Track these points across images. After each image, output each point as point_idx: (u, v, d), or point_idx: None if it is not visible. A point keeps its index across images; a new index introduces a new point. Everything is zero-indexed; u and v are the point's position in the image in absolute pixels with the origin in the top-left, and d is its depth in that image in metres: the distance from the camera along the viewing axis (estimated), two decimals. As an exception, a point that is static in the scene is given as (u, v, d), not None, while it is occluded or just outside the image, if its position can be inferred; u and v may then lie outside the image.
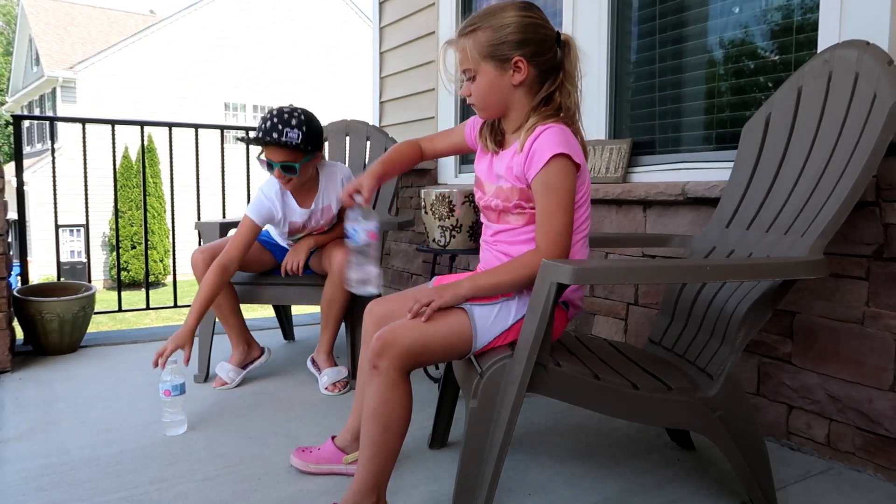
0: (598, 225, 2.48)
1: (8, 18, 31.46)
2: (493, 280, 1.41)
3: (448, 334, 1.38)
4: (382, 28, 4.12)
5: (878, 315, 1.64)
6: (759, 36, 2.07)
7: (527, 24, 1.39)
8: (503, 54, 1.39)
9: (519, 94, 1.44)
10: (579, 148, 1.42)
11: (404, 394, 1.36)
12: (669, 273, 1.44)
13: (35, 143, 19.60)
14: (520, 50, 1.39)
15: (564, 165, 1.37)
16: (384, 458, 1.37)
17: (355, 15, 21.22)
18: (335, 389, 2.34)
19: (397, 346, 1.33)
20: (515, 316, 1.43)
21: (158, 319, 9.86)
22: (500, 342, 1.43)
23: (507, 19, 1.39)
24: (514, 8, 1.41)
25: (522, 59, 1.39)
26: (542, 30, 1.41)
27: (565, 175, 1.37)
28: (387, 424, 1.35)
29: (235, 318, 2.42)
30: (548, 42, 1.42)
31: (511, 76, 1.41)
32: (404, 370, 1.35)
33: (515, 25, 1.38)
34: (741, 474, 1.45)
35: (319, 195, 2.37)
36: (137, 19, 22.04)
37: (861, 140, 1.41)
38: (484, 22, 1.40)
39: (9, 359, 2.54)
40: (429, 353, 1.38)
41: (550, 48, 1.42)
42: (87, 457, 1.78)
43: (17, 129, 3.10)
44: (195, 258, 2.30)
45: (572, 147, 1.38)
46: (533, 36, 1.40)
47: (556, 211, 1.37)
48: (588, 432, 1.97)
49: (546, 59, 1.42)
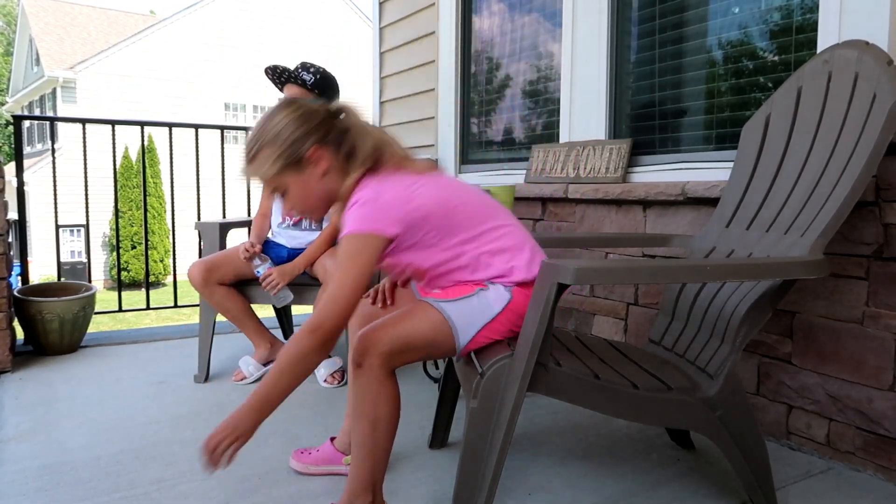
0: (598, 225, 2.48)
1: (8, 19, 31.47)
2: (268, 391, 1.30)
3: (429, 330, 1.38)
4: (382, 28, 4.12)
5: (877, 315, 1.65)
6: (759, 36, 2.07)
7: (298, 118, 1.37)
8: (295, 155, 1.36)
9: (331, 180, 1.40)
10: (391, 211, 1.34)
11: (390, 391, 1.37)
12: (669, 273, 1.44)
13: (35, 143, 19.60)
14: (307, 142, 1.36)
15: (355, 242, 1.32)
16: (376, 457, 1.38)
17: (355, 15, 21.22)
18: (334, 381, 2.41)
19: (380, 344, 1.33)
20: (498, 306, 1.41)
21: (158, 319, 9.86)
22: (490, 334, 1.42)
23: (279, 125, 1.36)
24: (280, 110, 1.39)
25: (314, 147, 1.37)
26: (314, 115, 1.39)
27: (353, 252, 1.31)
28: (375, 423, 1.36)
29: (250, 320, 2.46)
30: (325, 121, 1.40)
31: (314, 169, 1.38)
32: (388, 368, 1.36)
33: (289, 125, 1.36)
34: (741, 474, 1.45)
35: None
36: (137, 19, 22.04)
37: (861, 140, 1.41)
38: (261, 139, 1.38)
39: (9, 359, 2.54)
40: (412, 350, 1.38)
41: (331, 123, 1.40)
42: (87, 457, 1.78)
43: (18, 130, 3.10)
44: (192, 272, 2.35)
45: (378, 219, 1.32)
46: (310, 124, 1.37)
47: (335, 282, 1.31)
48: (588, 432, 1.97)
49: (334, 135, 1.40)
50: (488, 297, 1.41)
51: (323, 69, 2.50)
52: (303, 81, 2.44)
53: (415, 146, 3.75)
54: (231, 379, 2.47)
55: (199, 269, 2.33)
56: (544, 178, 2.74)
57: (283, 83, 2.48)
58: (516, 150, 3.11)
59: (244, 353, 2.64)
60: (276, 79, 2.47)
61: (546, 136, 2.91)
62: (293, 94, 2.44)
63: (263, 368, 2.49)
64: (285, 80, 2.45)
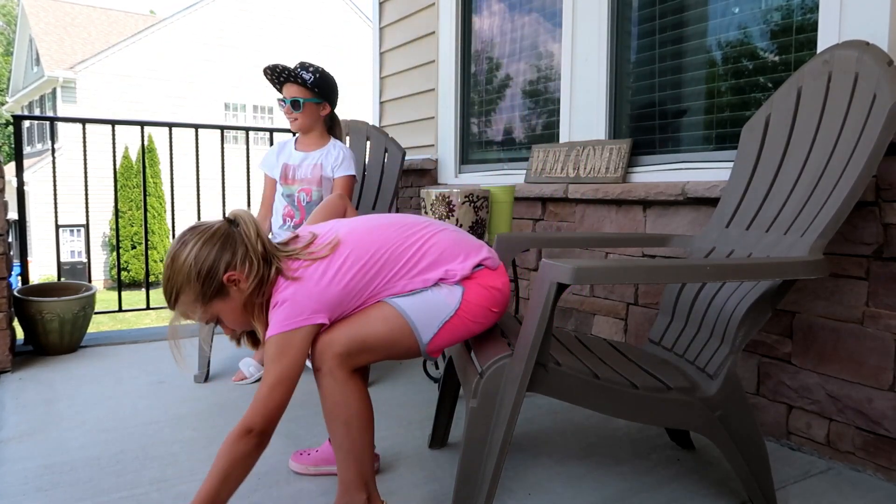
0: (598, 225, 2.49)
1: (8, 19, 31.46)
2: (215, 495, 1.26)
3: (385, 329, 1.38)
4: (382, 28, 4.12)
5: (877, 315, 1.65)
6: (759, 36, 2.07)
7: (200, 252, 1.34)
8: (214, 286, 1.35)
9: (255, 291, 1.37)
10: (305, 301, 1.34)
11: (356, 390, 1.38)
12: (669, 273, 1.44)
13: (35, 143, 19.60)
14: (219, 273, 1.34)
15: (279, 342, 1.32)
16: (358, 455, 1.39)
17: (355, 15, 21.22)
18: None
19: (334, 345, 1.35)
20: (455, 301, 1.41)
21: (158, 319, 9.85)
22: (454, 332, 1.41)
23: (186, 263, 1.34)
24: (182, 248, 1.35)
25: (228, 272, 1.34)
26: (215, 240, 1.35)
27: (278, 352, 1.32)
28: (348, 422, 1.37)
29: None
30: (228, 242, 1.36)
31: (237, 291, 1.36)
32: (347, 368, 1.36)
33: (195, 260, 1.33)
34: (741, 474, 1.45)
35: (319, 152, 2.54)
36: (137, 19, 22.03)
37: (861, 140, 1.41)
38: (176, 284, 1.35)
39: (9, 359, 2.54)
40: (370, 350, 1.39)
41: (232, 240, 1.37)
42: (87, 457, 1.78)
43: (18, 129, 3.10)
44: None
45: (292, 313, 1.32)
46: (215, 252, 1.34)
47: (264, 384, 1.31)
48: (588, 432, 1.97)
49: (236, 249, 1.36)
50: (441, 293, 1.42)
51: (322, 68, 2.50)
52: (302, 80, 2.44)
53: (415, 146, 3.75)
54: (231, 379, 2.47)
55: None
56: (544, 178, 2.74)
57: (281, 83, 2.48)
58: (516, 150, 3.11)
59: (244, 353, 2.64)
60: (274, 78, 2.47)
61: (546, 136, 2.91)
62: (292, 93, 2.44)
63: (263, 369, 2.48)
64: (284, 79, 2.45)
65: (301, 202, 2.52)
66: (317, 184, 2.51)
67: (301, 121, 2.50)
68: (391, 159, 2.99)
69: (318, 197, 2.51)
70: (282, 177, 2.54)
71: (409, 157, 3.47)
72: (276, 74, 2.46)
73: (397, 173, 2.96)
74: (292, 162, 2.54)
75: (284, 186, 2.54)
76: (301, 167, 2.53)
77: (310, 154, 2.54)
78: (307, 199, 2.52)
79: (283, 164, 2.55)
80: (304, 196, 2.52)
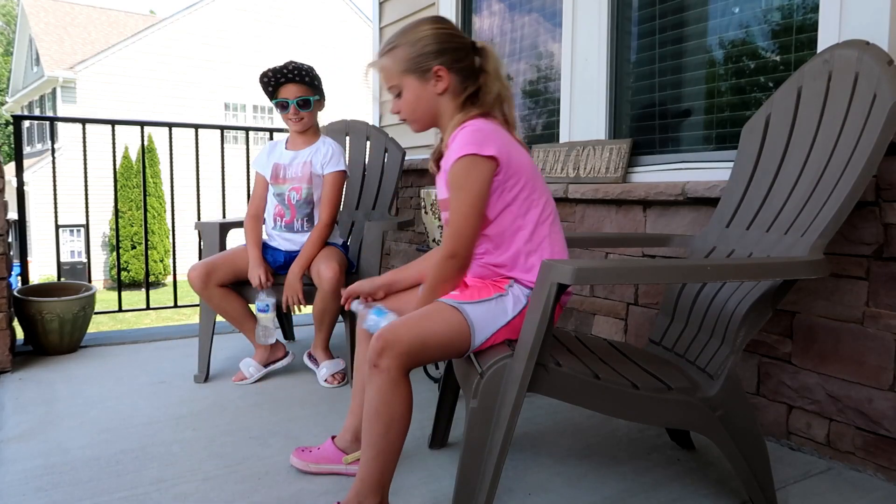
0: (598, 225, 2.48)
1: (8, 18, 31.46)
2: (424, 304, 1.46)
3: (447, 332, 1.39)
4: (382, 28, 4.12)
5: (877, 315, 1.65)
6: (759, 36, 2.07)
7: (441, 35, 1.48)
8: (423, 66, 1.47)
9: (444, 102, 1.50)
10: (497, 142, 1.43)
11: (405, 392, 1.37)
12: (669, 273, 1.44)
13: (35, 143, 19.59)
14: (438, 59, 1.47)
15: (469, 165, 1.40)
16: (387, 458, 1.38)
17: (355, 15, 21.22)
18: (334, 381, 2.40)
19: (399, 344, 1.34)
20: (513, 311, 1.44)
21: (158, 319, 9.86)
22: (500, 338, 1.43)
23: (422, 33, 1.48)
24: (428, 22, 1.50)
25: (442, 67, 1.47)
26: (456, 39, 1.49)
27: (468, 174, 1.41)
28: (389, 424, 1.36)
29: (249, 322, 2.45)
30: (463, 49, 1.50)
31: (434, 85, 1.49)
32: (405, 369, 1.36)
33: (430, 38, 1.47)
34: (741, 474, 1.45)
35: (308, 150, 2.53)
36: (137, 19, 22.03)
37: (861, 140, 1.41)
38: (401, 39, 1.50)
39: (9, 359, 2.54)
40: (428, 351, 1.39)
41: (467, 55, 1.50)
42: (87, 457, 1.78)
43: (18, 129, 3.10)
44: (191, 275, 2.36)
45: (484, 143, 1.40)
46: (448, 45, 1.48)
47: (454, 210, 1.43)
48: (588, 432, 1.97)
49: (465, 66, 1.49)
50: (506, 302, 1.44)
51: (310, 66, 2.48)
52: (309, 78, 2.44)
53: (415, 146, 3.75)
54: (231, 379, 2.47)
55: (199, 272, 2.33)
56: (544, 178, 2.74)
57: (281, 84, 2.44)
58: (516, 150, 3.10)
59: (244, 353, 2.64)
60: (272, 81, 2.43)
61: (546, 135, 2.91)
62: (298, 92, 2.43)
63: (264, 370, 2.48)
64: (286, 80, 2.43)
65: (291, 200, 2.52)
66: (307, 181, 2.49)
67: (307, 119, 2.49)
68: (391, 159, 2.99)
69: (307, 194, 2.50)
70: (273, 176, 2.53)
71: (409, 157, 3.47)
72: (272, 77, 2.42)
73: (397, 173, 2.96)
74: (283, 161, 2.53)
75: (275, 186, 2.53)
76: (291, 166, 2.52)
77: (300, 152, 2.53)
78: (297, 197, 2.50)
79: (274, 163, 2.54)
80: (295, 194, 2.51)
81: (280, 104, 2.46)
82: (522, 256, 1.47)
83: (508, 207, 1.45)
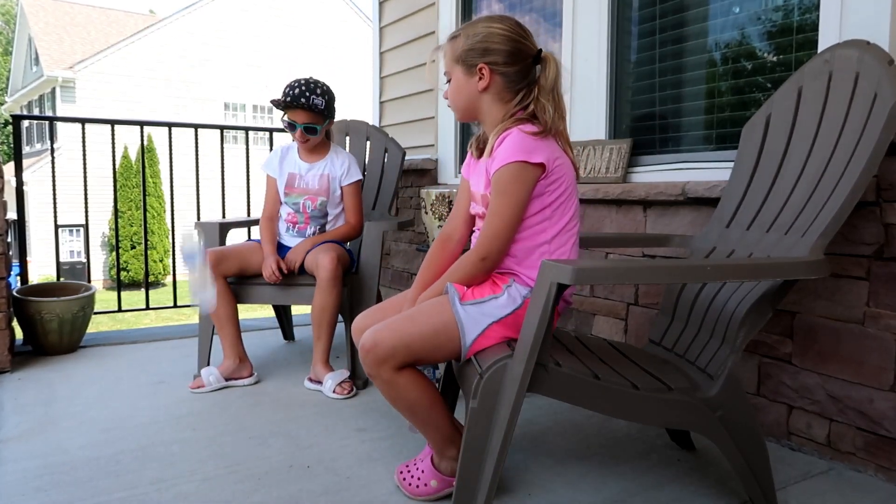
0: (598, 225, 2.48)
1: (7, 18, 31.45)
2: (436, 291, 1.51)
3: (431, 333, 1.41)
4: (382, 28, 4.12)
5: (878, 315, 1.64)
6: (759, 36, 2.07)
7: (497, 36, 1.47)
8: (470, 60, 1.49)
9: (487, 101, 1.51)
10: (545, 151, 1.43)
11: (408, 382, 1.42)
12: (669, 273, 1.44)
13: (35, 143, 19.59)
14: (485, 58, 1.47)
15: (517, 172, 1.40)
16: (433, 424, 1.49)
17: (355, 15, 21.22)
18: (343, 391, 2.28)
19: (380, 349, 1.38)
20: (503, 311, 1.44)
21: (158, 319, 9.86)
22: (494, 336, 1.44)
23: (480, 29, 1.48)
24: (492, 20, 1.50)
25: (486, 66, 1.47)
26: (513, 43, 1.47)
27: (515, 181, 1.41)
28: (412, 408, 1.46)
29: (231, 327, 2.40)
30: (518, 55, 1.48)
31: (476, 82, 1.49)
32: (394, 369, 1.39)
33: (485, 35, 1.47)
34: (741, 474, 1.45)
35: (323, 162, 2.58)
36: (137, 19, 22.03)
37: (861, 140, 1.41)
38: (464, 30, 1.51)
39: (8, 359, 2.54)
40: (415, 352, 1.42)
41: (520, 61, 1.48)
42: (87, 457, 1.78)
43: (17, 129, 3.10)
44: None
45: (533, 152, 1.40)
46: (501, 47, 1.47)
47: (495, 213, 1.43)
48: (588, 432, 1.97)
49: (516, 70, 1.48)
50: (499, 302, 1.45)
51: (328, 87, 2.50)
52: (318, 109, 2.43)
53: (415, 146, 3.75)
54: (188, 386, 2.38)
55: (212, 255, 2.33)
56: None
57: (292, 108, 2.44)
58: (516, 150, 3.10)
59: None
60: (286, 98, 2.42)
61: (546, 136, 2.90)
62: (306, 119, 2.43)
63: (224, 382, 2.36)
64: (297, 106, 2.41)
65: (306, 209, 2.56)
66: (324, 193, 2.55)
67: (312, 142, 2.53)
68: (391, 159, 2.99)
69: (322, 204, 2.55)
70: (287, 185, 2.56)
71: (409, 157, 3.47)
72: (287, 105, 2.43)
73: (397, 173, 2.96)
74: (298, 171, 2.57)
75: (289, 196, 2.57)
76: (306, 177, 2.56)
77: (315, 164, 2.57)
78: (312, 206, 2.55)
79: (289, 173, 2.57)
80: (310, 204, 2.55)
81: (289, 124, 2.49)
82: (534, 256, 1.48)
83: (540, 212, 1.47)
